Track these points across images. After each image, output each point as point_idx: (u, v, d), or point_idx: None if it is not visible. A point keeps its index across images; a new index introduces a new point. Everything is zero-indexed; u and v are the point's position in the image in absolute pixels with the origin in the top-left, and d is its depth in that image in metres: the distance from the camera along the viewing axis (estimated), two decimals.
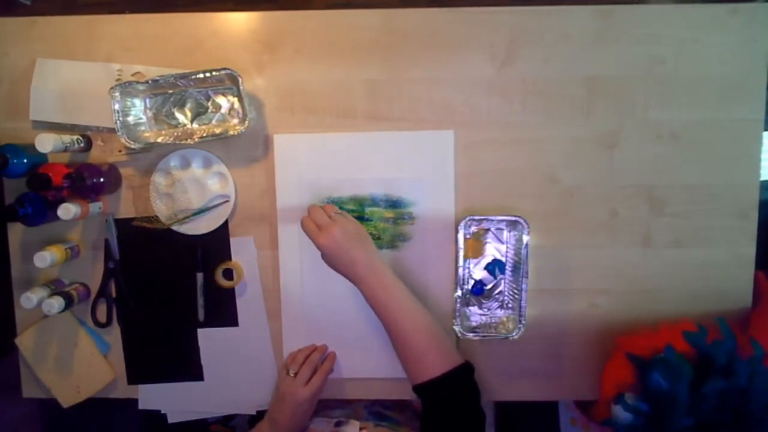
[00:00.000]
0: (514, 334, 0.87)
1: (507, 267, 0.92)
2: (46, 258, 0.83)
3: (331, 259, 0.80)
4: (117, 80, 0.89)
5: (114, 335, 0.96)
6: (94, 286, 0.94)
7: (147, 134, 0.90)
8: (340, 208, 0.91)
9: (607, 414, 0.78)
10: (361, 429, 0.88)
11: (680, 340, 0.74)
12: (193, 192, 0.92)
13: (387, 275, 0.80)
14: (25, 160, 0.85)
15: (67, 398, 0.95)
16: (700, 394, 0.68)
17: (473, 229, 0.91)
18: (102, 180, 0.87)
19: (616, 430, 0.75)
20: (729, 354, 0.70)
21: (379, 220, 0.92)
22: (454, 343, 0.79)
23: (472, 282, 0.92)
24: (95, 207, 0.88)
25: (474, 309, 0.93)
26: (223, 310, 0.94)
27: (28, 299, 0.84)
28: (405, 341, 0.78)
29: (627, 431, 0.74)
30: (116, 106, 0.85)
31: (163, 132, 0.91)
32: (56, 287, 0.91)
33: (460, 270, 0.89)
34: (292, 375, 0.89)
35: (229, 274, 0.94)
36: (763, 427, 0.67)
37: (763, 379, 0.68)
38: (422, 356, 0.77)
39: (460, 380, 0.77)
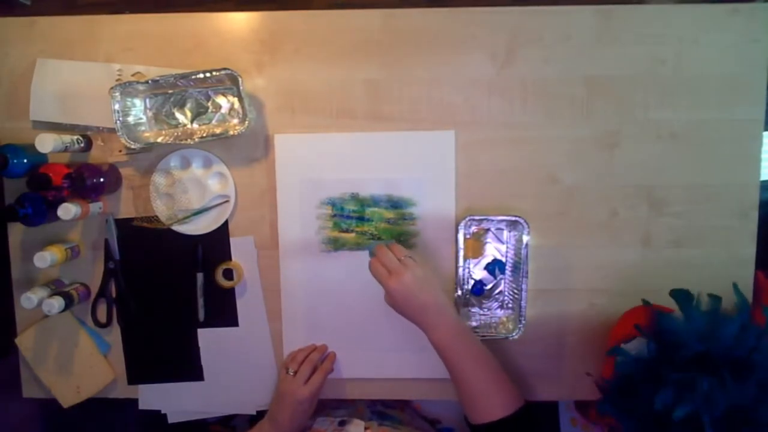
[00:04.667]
0: (514, 334, 0.88)
1: (507, 267, 0.92)
2: (46, 258, 0.83)
3: (399, 304, 0.78)
4: (117, 80, 0.89)
5: (114, 335, 0.96)
6: (94, 286, 0.94)
7: (147, 134, 0.90)
8: (341, 208, 0.91)
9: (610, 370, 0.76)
10: (365, 429, 0.88)
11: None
12: (193, 192, 0.92)
13: (453, 318, 0.78)
14: (25, 160, 0.85)
15: (67, 398, 0.95)
16: (712, 337, 0.66)
17: (473, 229, 0.91)
18: (102, 180, 0.87)
19: (617, 371, 0.73)
20: (743, 323, 0.68)
21: (380, 220, 0.92)
22: (515, 382, 0.79)
23: (472, 282, 0.92)
24: (95, 207, 0.88)
25: (474, 309, 0.93)
26: (223, 310, 0.94)
27: (28, 299, 0.84)
28: (467, 382, 0.77)
29: (625, 375, 0.72)
30: (116, 106, 0.85)
31: (163, 132, 0.91)
32: (56, 287, 0.91)
33: (460, 270, 0.89)
34: (291, 374, 0.89)
35: (229, 274, 0.94)
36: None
37: None
38: (483, 398, 0.76)
39: (520, 424, 0.76)
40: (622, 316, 0.83)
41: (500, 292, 0.93)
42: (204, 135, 0.89)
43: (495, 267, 0.92)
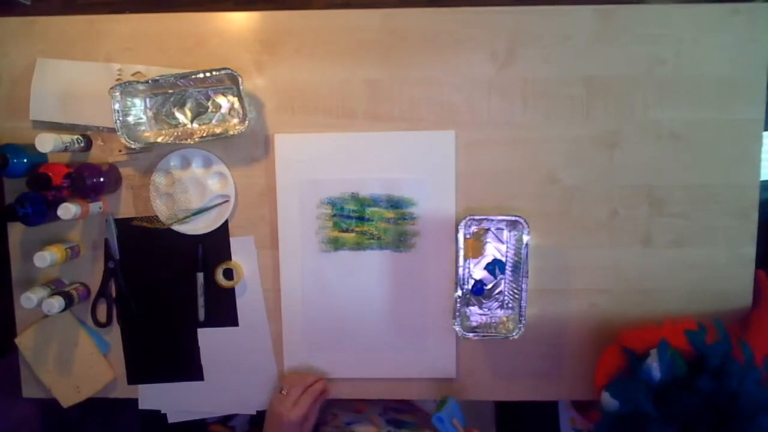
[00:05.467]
0: (514, 334, 0.87)
1: (507, 267, 0.92)
2: (46, 258, 0.83)
3: None
4: (117, 80, 0.89)
5: (114, 335, 0.96)
6: (94, 286, 0.94)
7: (147, 134, 0.90)
8: (341, 208, 0.91)
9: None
10: None
11: (681, 337, 0.75)
12: (193, 192, 0.92)
13: None
14: (25, 160, 0.85)
15: (67, 398, 0.95)
16: (689, 390, 0.69)
17: (473, 228, 0.91)
18: (102, 180, 0.87)
19: (603, 416, 0.76)
20: (723, 356, 0.71)
21: (380, 220, 0.92)
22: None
23: (472, 282, 0.92)
24: (95, 207, 0.88)
25: (474, 309, 0.93)
26: (223, 310, 0.94)
27: (28, 299, 0.84)
28: None
29: (613, 418, 0.74)
30: (116, 106, 0.85)
31: (163, 132, 0.91)
32: (56, 287, 0.91)
33: (461, 270, 0.89)
34: (284, 393, 0.87)
35: (229, 274, 0.94)
36: (748, 427, 0.67)
37: (754, 383, 0.69)
38: None
39: None
40: (602, 356, 0.83)
41: (500, 291, 0.93)
42: (204, 135, 0.89)
43: (495, 267, 0.92)
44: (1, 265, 0.94)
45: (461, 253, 0.88)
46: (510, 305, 0.91)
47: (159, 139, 0.89)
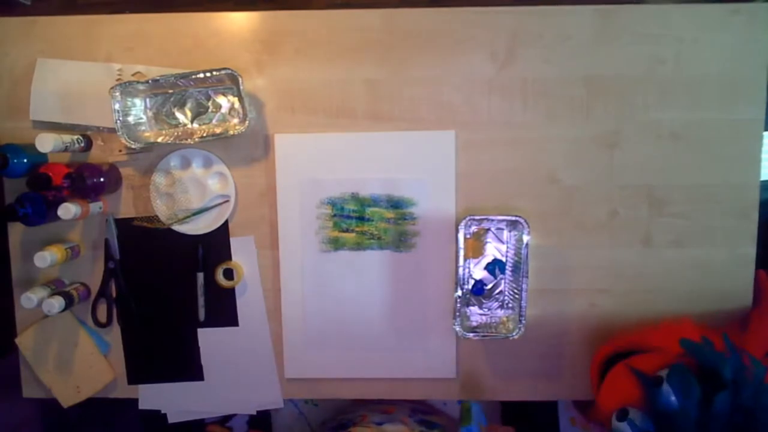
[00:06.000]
0: (514, 334, 0.87)
1: (507, 267, 0.92)
2: (46, 258, 0.83)
3: None
4: (117, 80, 0.89)
5: (114, 335, 0.96)
6: (94, 286, 0.94)
7: (147, 134, 0.90)
8: (341, 208, 0.91)
9: (607, 423, 0.77)
10: None
11: (676, 343, 0.74)
12: (193, 192, 0.92)
13: None
14: (26, 160, 0.85)
15: (67, 398, 0.95)
16: (709, 412, 0.68)
17: (473, 228, 0.91)
18: (102, 180, 0.87)
19: None
20: (736, 370, 0.70)
21: (380, 220, 0.92)
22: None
23: (472, 282, 0.92)
24: (95, 207, 0.88)
25: (474, 309, 0.93)
26: (223, 310, 0.94)
27: (29, 299, 0.84)
28: None
29: None
30: (116, 106, 0.85)
31: (164, 132, 0.91)
32: (56, 287, 0.91)
33: (461, 270, 0.89)
34: None
35: (229, 274, 0.94)
36: None
37: None
38: None
39: None
40: (607, 379, 0.81)
41: (500, 291, 0.93)
42: (204, 135, 0.89)
43: (495, 267, 0.92)
44: (1, 265, 0.94)
45: (461, 253, 0.88)
46: (510, 305, 0.91)
47: (159, 139, 0.89)
